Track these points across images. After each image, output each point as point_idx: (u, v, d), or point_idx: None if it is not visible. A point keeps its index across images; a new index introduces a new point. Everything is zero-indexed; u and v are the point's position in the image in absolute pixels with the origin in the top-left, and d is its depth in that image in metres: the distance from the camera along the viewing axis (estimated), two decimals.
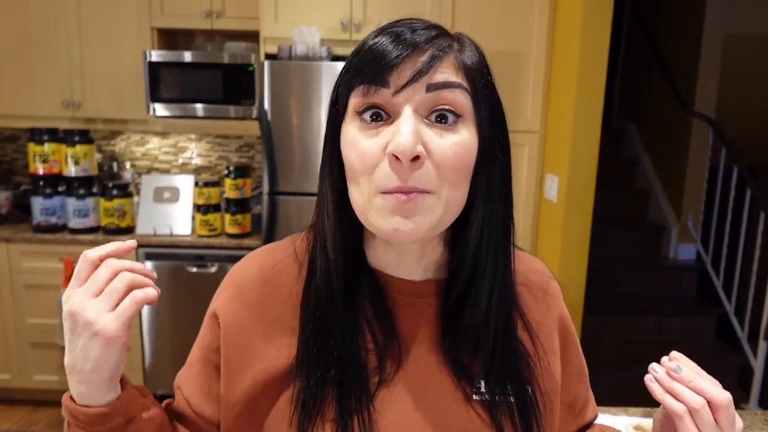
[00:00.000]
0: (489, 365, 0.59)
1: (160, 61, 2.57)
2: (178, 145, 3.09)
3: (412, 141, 0.49)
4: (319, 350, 0.57)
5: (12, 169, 3.12)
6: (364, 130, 0.53)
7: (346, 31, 2.40)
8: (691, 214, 3.54)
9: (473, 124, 0.54)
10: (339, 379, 0.56)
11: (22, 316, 2.66)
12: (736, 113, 3.69)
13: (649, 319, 3.11)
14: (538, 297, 0.66)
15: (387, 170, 0.51)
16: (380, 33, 0.54)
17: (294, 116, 2.32)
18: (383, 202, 0.52)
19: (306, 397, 0.56)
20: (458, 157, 0.52)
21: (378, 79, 0.51)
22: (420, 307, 0.61)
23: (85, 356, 0.50)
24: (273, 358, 0.59)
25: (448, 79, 0.52)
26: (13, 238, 2.59)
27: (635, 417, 1.18)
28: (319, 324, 0.58)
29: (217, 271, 2.61)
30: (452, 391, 0.58)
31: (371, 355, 0.58)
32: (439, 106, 0.52)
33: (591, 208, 2.26)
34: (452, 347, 0.59)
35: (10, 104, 2.73)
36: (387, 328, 0.59)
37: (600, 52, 2.13)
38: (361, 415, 0.55)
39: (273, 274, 0.62)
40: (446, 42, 0.54)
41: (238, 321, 0.60)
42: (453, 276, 0.60)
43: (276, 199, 2.36)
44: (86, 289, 0.51)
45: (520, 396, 0.59)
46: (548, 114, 2.43)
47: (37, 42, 2.68)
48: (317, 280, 0.59)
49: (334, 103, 0.57)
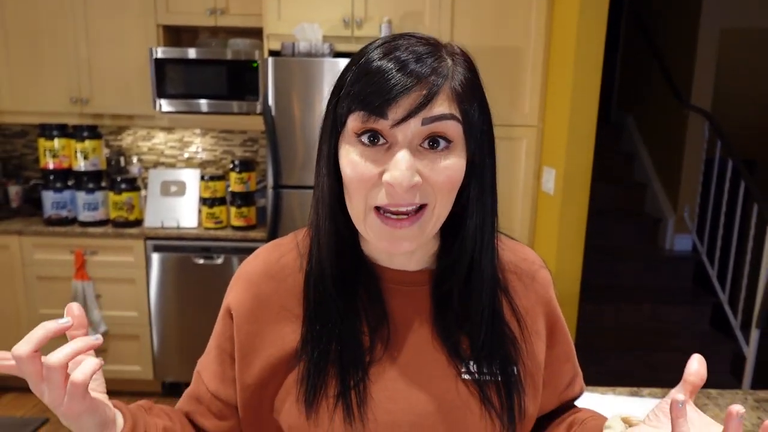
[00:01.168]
0: (478, 347, 0.65)
1: (165, 57, 2.63)
2: (184, 139, 3.15)
3: (408, 176, 0.55)
4: (320, 334, 0.64)
5: (22, 164, 3.19)
6: (362, 153, 0.58)
7: (348, 28, 2.45)
8: (687, 206, 3.60)
9: (463, 146, 0.60)
10: (338, 359, 0.63)
11: (34, 307, 2.74)
12: (732, 106, 3.74)
13: (645, 308, 3.18)
14: (526, 284, 0.72)
15: (383, 192, 0.57)
16: (384, 56, 0.57)
17: (297, 112, 2.38)
18: (379, 222, 0.59)
19: (310, 376, 0.63)
20: (449, 179, 0.58)
21: (378, 111, 0.56)
22: (413, 295, 0.68)
23: (68, 422, 0.54)
24: (280, 343, 0.66)
25: (443, 113, 0.57)
26: (24, 231, 2.67)
27: (622, 396, 1.25)
28: (319, 311, 0.65)
29: (223, 262, 2.68)
30: (443, 369, 0.65)
31: (365, 336, 0.65)
32: (432, 135, 0.57)
33: (587, 201, 2.31)
34: (444, 330, 0.66)
35: (20, 101, 2.80)
36: (378, 312, 0.66)
37: (596, 46, 2.18)
38: (357, 390, 0.62)
39: (278, 268, 0.69)
40: (444, 70, 0.58)
41: (248, 311, 0.68)
42: (445, 267, 0.67)
43: (280, 192, 2.43)
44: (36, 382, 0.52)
45: (505, 375, 0.66)
46: (545, 108, 2.48)
47: (45, 40, 2.74)
48: (316, 269, 0.66)
49: (333, 110, 0.61)
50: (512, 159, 2.52)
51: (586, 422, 0.70)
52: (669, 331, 3.16)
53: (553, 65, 2.41)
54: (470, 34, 2.42)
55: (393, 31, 2.40)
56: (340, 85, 0.62)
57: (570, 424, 0.73)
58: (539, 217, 2.55)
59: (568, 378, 0.77)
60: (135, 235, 2.67)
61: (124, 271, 2.70)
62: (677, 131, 3.63)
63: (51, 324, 0.51)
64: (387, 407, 0.63)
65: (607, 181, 3.71)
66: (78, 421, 0.54)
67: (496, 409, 0.64)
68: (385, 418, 0.62)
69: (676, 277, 3.45)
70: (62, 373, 0.50)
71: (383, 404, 0.63)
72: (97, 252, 2.68)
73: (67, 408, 0.51)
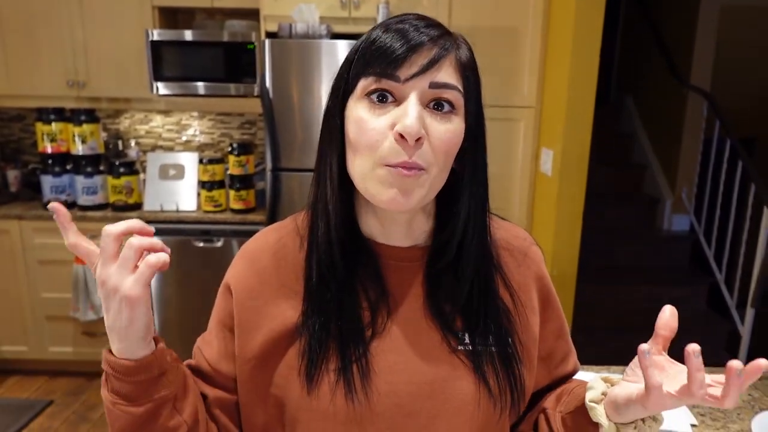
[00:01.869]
0: (472, 320, 0.68)
1: (161, 40, 2.61)
2: (181, 122, 3.14)
3: (417, 124, 0.58)
4: (320, 309, 0.66)
5: (20, 148, 3.18)
6: (372, 110, 0.61)
7: (345, 9, 2.44)
8: (685, 186, 3.61)
9: (462, 116, 0.63)
10: (339, 333, 0.65)
11: (36, 291, 2.76)
12: (731, 85, 3.72)
13: (643, 288, 3.21)
14: (519, 259, 0.75)
15: (393, 146, 0.59)
16: (386, 30, 0.61)
17: (295, 94, 2.37)
18: (386, 174, 0.60)
19: (311, 350, 0.65)
20: (450, 141, 0.61)
21: (387, 72, 0.59)
22: (408, 271, 0.70)
23: (118, 317, 0.57)
24: (281, 318, 0.68)
25: (449, 82, 0.61)
26: (25, 216, 2.67)
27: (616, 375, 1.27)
28: (320, 286, 0.67)
29: (222, 245, 2.69)
30: (439, 342, 0.67)
31: (365, 311, 0.67)
32: (437, 98, 0.61)
33: (585, 182, 2.32)
34: (438, 305, 0.68)
35: (16, 84, 2.78)
36: (378, 287, 0.68)
37: (595, 27, 2.17)
38: (359, 363, 0.64)
39: (278, 247, 0.71)
40: (448, 42, 0.62)
41: (249, 287, 0.70)
42: (439, 243, 0.69)
43: (279, 174, 2.43)
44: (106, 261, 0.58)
45: (500, 346, 0.68)
46: (544, 89, 2.48)
47: (40, 23, 2.71)
48: (318, 248, 0.67)
49: (340, 85, 0.64)
50: (510, 140, 2.52)
51: (574, 390, 0.72)
52: None
53: (552, 46, 2.40)
54: (468, 15, 2.40)
55: (390, 11, 2.37)
56: (346, 65, 0.65)
57: (559, 394, 0.75)
58: (537, 198, 2.56)
59: (561, 354, 0.78)
60: (134, 218, 2.66)
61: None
62: (676, 111, 3.62)
63: (142, 222, 0.59)
64: (386, 378, 0.65)
65: (605, 161, 3.71)
66: (133, 309, 0.56)
67: (491, 380, 0.66)
68: (385, 389, 0.64)
69: (673, 257, 3.47)
70: (138, 254, 0.57)
71: (383, 376, 0.65)
72: (97, 236, 2.67)
73: (130, 290, 0.56)
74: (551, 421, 0.72)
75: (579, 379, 0.78)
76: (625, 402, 0.59)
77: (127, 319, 0.57)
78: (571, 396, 0.72)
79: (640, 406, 0.57)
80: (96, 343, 2.80)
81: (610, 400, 0.62)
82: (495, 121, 2.48)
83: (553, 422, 0.72)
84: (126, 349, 0.59)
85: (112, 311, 0.57)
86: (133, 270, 0.56)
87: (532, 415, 0.78)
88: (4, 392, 2.73)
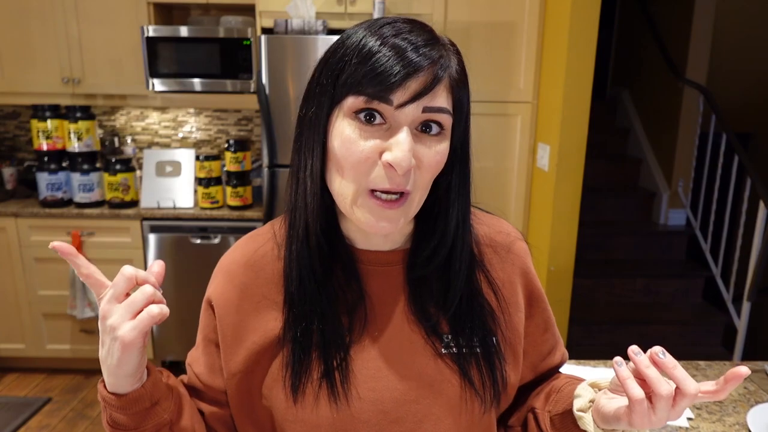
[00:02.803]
0: (456, 322, 0.67)
1: (157, 36, 2.60)
2: (177, 119, 3.14)
3: (409, 157, 0.57)
4: (301, 318, 0.66)
5: (15, 146, 3.17)
6: (359, 130, 0.58)
7: (341, 4, 2.43)
8: (681, 180, 3.62)
9: (449, 135, 0.62)
10: (321, 341, 0.65)
11: (33, 288, 2.75)
12: (727, 79, 3.73)
13: (639, 282, 3.22)
14: (502, 256, 0.74)
15: (381, 173, 0.58)
16: (384, 43, 0.57)
17: (291, 90, 2.37)
18: (373, 206, 0.59)
19: (294, 361, 0.65)
20: (438, 165, 0.61)
21: (381, 96, 0.56)
22: (389, 275, 0.69)
23: (110, 354, 0.57)
24: (263, 331, 0.68)
25: (442, 106, 0.59)
26: (21, 213, 2.67)
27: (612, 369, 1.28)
28: (300, 295, 0.66)
29: (219, 242, 2.69)
30: (422, 346, 0.67)
31: (345, 317, 0.66)
32: (427, 121, 0.59)
33: (581, 176, 2.33)
34: (420, 308, 0.68)
35: (11, 81, 2.77)
36: (355, 293, 0.67)
37: (591, 21, 2.17)
38: (341, 370, 0.64)
39: (256, 257, 0.71)
40: (445, 61, 0.59)
41: (230, 302, 0.69)
42: (420, 248, 0.68)
43: (276, 171, 2.43)
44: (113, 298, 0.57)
45: (485, 346, 0.68)
46: (540, 84, 2.48)
47: (35, 19, 2.70)
48: (297, 256, 0.66)
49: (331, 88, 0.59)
50: (507, 135, 2.52)
51: (562, 389, 0.72)
52: (662, 305, 3.20)
53: (548, 41, 2.40)
54: (465, 10, 2.40)
55: (387, 6, 2.37)
56: (332, 68, 0.60)
57: (548, 393, 0.75)
58: (534, 193, 2.56)
59: (548, 347, 0.78)
60: (131, 215, 2.67)
61: (121, 251, 2.71)
62: (672, 106, 3.62)
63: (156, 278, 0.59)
64: (370, 385, 0.65)
65: (601, 156, 3.71)
66: (126, 352, 0.57)
67: (476, 381, 0.66)
68: (369, 396, 0.64)
69: (669, 252, 3.48)
70: (146, 302, 0.56)
71: (366, 382, 0.65)
72: (93, 233, 2.69)
73: (127, 334, 0.55)
74: (540, 420, 0.73)
75: (567, 375, 0.78)
76: (614, 418, 0.59)
77: (118, 359, 0.57)
78: (559, 395, 0.72)
79: (625, 422, 0.57)
80: (94, 341, 2.80)
81: (597, 409, 0.62)
82: (491, 117, 2.48)
83: (542, 422, 0.72)
84: (114, 385, 0.60)
85: (106, 347, 0.58)
86: (135, 315, 0.57)
87: (521, 411, 0.78)
88: (2, 390, 2.73)
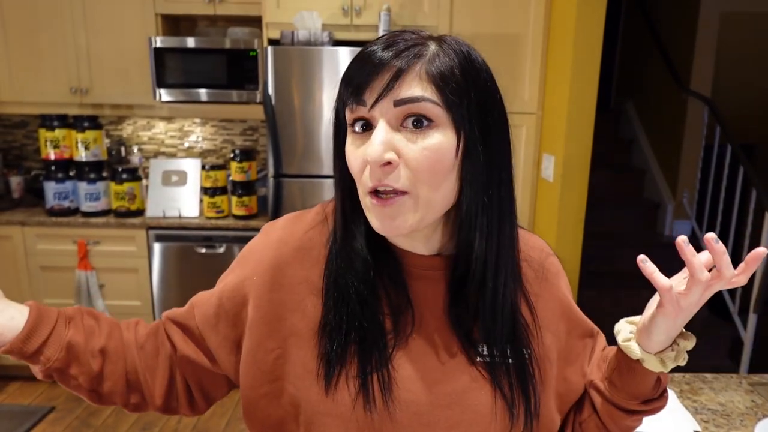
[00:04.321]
0: (492, 332, 0.67)
1: (164, 47, 2.62)
2: (184, 129, 3.16)
3: (380, 150, 0.57)
4: (341, 314, 0.65)
5: (23, 155, 3.20)
6: (354, 141, 0.62)
7: (346, 16, 2.45)
8: (686, 191, 3.61)
9: (450, 126, 0.59)
10: (361, 340, 0.64)
11: (38, 297, 2.76)
12: (731, 91, 3.73)
13: (644, 293, 3.18)
14: (537, 271, 0.74)
15: (368, 173, 0.60)
16: (362, 51, 0.62)
17: (297, 100, 2.38)
18: (370, 204, 0.61)
19: (331, 356, 0.64)
20: (428, 160, 0.58)
21: (356, 98, 0.60)
22: (431, 279, 0.69)
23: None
24: (302, 315, 0.67)
25: (412, 95, 0.57)
26: (27, 222, 2.68)
27: None
28: (341, 291, 0.66)
29: (224, 251, 2.70)
30: (457, 353, 0.67)
31: (388, 319, 0.66)
32: (411, 114, 0.58)
33: (586, 187, 2.33)
34: (457, 316, 0.67)
35: (20, 91, 2.80)
36: (402, 296, 0.67)
37: (595, 32, 2.18)
38: (380, 373, 0.64)
39: (305, 239, 0.70)
40: (413, 52, 0.59)
41: (273, 279, 0.68)
42: (460, 255, 0.67)
43: (281, 181, 2.44)
44: None
45: (517, 359, 0.68)
46: (545, 95, 2.49)
47: (44, 30, 2.73)
48: (341, 249, 0.67)
49: (336, 116, 0.65)
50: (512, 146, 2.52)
51: (607, 355, 0.75)
52: None
53: (553, 52, 2.41)
54: (469, 22, 2.42)
55: (392, 19, 2.39)
56: None
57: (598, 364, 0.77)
58: (539, 204, 2.56)
59: (600, 346, 0.80)
60: (137, 224, 2.68)
61: (126, 260, 2.72)
62: (677, 117, 3.63)
63: None
64: (407, 387, 0.64)
65: (606, 167, 3.71)
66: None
67: (507, 392, 0.66)
68: (404, 397, 0.64)
69: (674, 263, 3.43)
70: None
71: (404, 385, 0.64)
72: (99, 242, 2.70)
73: None
74: (600, 387, 0.73)
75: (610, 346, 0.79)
76: (651, 320, 0.63)
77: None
78: (608, 359, 0.74)
79: (661, 316, 0.62)
80: None
81: (640, 330, 0.66)
82: None
83: (603, 388, 0.73)
84: None
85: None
86: None
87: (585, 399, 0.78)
88: (6, 398, 2.73)
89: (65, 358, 0.67)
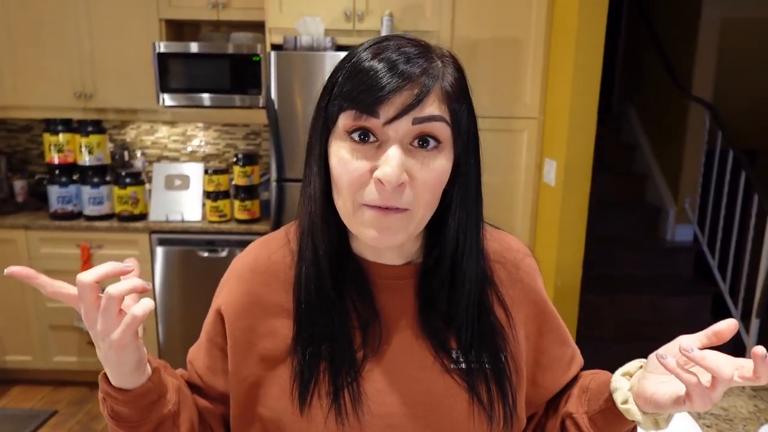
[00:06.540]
0: (465, 339, 0.67)
1: (168, 52, 2.64)
2: (187, 133, 3.17)
3: (398, 173, 0.56)
4: (311, 331, 0.66)
5: (27, 159, 3.21)
6: (353, 151, 0.59)
7: (349, 21, 2.46)
8: (688, 196, 3.61)
9: (450, 148, 0.61)
10: (330, 356, 0.65)
11: (41, 301, 2.77)
12: (733, 97, 3.73)
13: (646, 298, 3.20)
14: (512, 273, 0.73)
15: (372, 190, 0.58)
16: (375, 56, 0.59)
17: (299, 105, 2.40)
18: (367, 217, 0.59)
19: (303, 373, 0.64)
20: (435, 182, 0.60)
21: (370, 109, 0.57)
22: (399, 289, 0.69)
23: (108, 355, 0.58)
24: (272, 338, 0.67)
25: (433, 113, 0.58)
26: (31, 226, 2.69)
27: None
28: (310, 307, 0.66)
29: (227, 255, 2.71)
30: (431, 362, 0.66)
31: (356, 331, 0.66)
32: (422, 134, 0.58)
33: (588, 192, 2.33)
34: (429, 324, 0.67)
35: (24, 96, 2.81)
36: (369, 308, 0.67)
37: (597, 37, 2.19)
38: (350, 387, 0.64)
39: (269, 264, 0.70)
40: (435, 71, 0.59)
41: (241, 307, 0.69)
42: (429, 263, 0.68)
43: (283, 185, 2.45)
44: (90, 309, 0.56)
45: (494, 363, 0.67)
46: (546, 99, 2.49)
47: (48, 35, 2.75)
48: (306, 267, 0.67)
49: (324, 108, 0.63)
50: (513, 151, 2.53)
51: (590, 387, 0.72)
52: (669, 322, 3.18)
53: (554, 57, 2.42)
54: (471, 26, 2.43)
55: (395, 24, 2.40)
56: (331, 84, 0.63)
57: (578, 394, 0.73)
58: (540, 208, 2.56)
59: (567, 359, 0.78)
60: (140, 228, 2.69)
61: None
62: (678, 122, 3.63)
63: (117, 264, 0.56)
64: (379, 400, 0.64)
65: (608, 171, 3.72)
66: (122, 352, 0.57)
67: (485, 397, 0.66)
68: (378, 411, 0.64)
69: (676, 268, 3.47)
70: (118, 303, 0.55)
71: (375, 397, 0.64)
72: (102, 246, 2.71)
73: (119, 338, 0.55)
74: (579, 423, 0.71)
75: (590, 372, 0.77)
76: (670, 404, 0.58)
77: (116, 361, 0.58)
78: (589, 393, 0.71)
79: (688, 406, 0.57)
80: None
81: (640, 394, 0.62)
82: (498, 132, 2.50)
83: (582, 425, 0.71)
84: (119, 382, 0.60)
85: (102, 350, 0.58)
86: (119, 315, 0.55)
87: (555, 419, 0.76)
88: (8, 402, 2.73)
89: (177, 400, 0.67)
